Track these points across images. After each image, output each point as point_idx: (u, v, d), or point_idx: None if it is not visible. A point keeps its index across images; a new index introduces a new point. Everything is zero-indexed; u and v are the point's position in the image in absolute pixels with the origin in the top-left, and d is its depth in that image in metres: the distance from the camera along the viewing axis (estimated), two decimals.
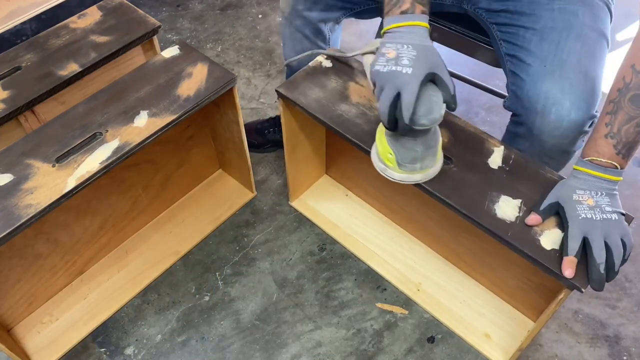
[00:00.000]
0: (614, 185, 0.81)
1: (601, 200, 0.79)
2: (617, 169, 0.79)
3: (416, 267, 1.20)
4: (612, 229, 0.78)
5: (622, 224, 0.79)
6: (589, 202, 0.79)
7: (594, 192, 0.80)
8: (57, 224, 1.06)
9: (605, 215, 0.78)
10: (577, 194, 0.80)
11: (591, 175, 0.80)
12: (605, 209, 0.79)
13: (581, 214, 0.79)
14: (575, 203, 0.80)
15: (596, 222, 0.78)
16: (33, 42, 1.16)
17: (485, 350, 1.08)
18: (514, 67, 0.96)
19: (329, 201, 1.32)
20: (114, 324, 1.14)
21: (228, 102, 1.10)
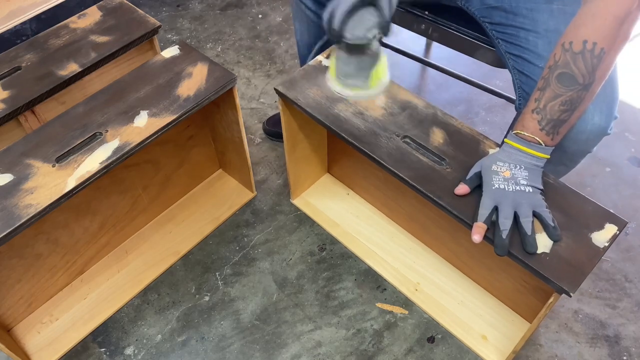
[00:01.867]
0: (538, 161, 0.83)
1: (518, 173, 0.83)
2: (540, 145, 0.82)
3: (415, 267, 1.20)
4: (523, 200, 0.81)
5: (536, 196, 0.82)
6: (505, 173, 0.83)
7: (513, 165, 0.83)
8: (57, 224, 1.06)
9: (518, 187, 0.82)
10: (497, 165, 0.84)
11: (514, 148, 0.84)
12: (520, 182, 0.82)
13: (495, 184, 0.82)
14: (493, 173, 0.83)
15: (507, 192, 0.81)
16: (33, 42, 1.16)
17: (481, 352, 1.08)
18: (523, 68, 0.95)
19: (330, 200, 1.32)
20: (114, 324, 1.14)
21: (228, 102, 1.10)
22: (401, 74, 1.69)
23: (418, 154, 0.94)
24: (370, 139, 0.96)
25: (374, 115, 0.99)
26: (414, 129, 0.97)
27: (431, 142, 0.95)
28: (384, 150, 0.94)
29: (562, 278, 0.78)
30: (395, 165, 0.92)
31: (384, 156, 0.93)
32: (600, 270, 1.21)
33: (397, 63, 1.71)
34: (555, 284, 0.78)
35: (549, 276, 0.79)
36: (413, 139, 0.96)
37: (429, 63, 1.49)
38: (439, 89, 1.64)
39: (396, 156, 0.93)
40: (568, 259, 0.81)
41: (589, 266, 0.80)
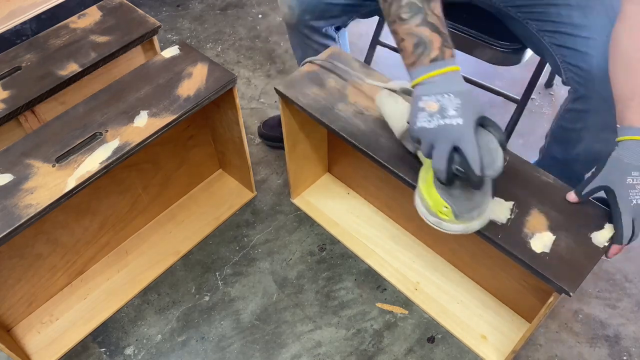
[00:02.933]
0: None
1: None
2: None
3: (415, 267, 1.20)
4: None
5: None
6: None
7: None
8: (57, 224, 1.06)
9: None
10: (633, 176, 0.76)
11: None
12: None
13: (633, 199, 0.76)
14: (628, 187, 0.76)
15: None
16: (33, 42, 1.16)
17: (481, 352, 1.08)
18: (563, 42, 0.95)
19: (330, 199, 1.32)
20: (114, 324, 1.14)
21: (228, 102, 1.10)
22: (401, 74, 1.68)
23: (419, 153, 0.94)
24: (370, 139, 0.96)
25: (375, 114, 0.99)
26: None
27: None
28: (384, 150, 0.94)
29: (562, 278, 0.78)
30: (396, 165, 0.92)
31: (384, 156, 0.93)
32: (600, 270, 1.21)
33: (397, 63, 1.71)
34: (555, 284, 0.78)
35: (548, 276, 0.79)
36: None
37: None
38: None
39: (396, 156, 0.93)
40: (568, 258, 0.81)
41: (589, 266, 0.80)
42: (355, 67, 1.06)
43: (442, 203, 0.79)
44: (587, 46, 0.91)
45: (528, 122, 1.52)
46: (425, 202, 0.82)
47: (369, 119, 0.99)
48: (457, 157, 0.73)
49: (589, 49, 0.91)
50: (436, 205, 0.80)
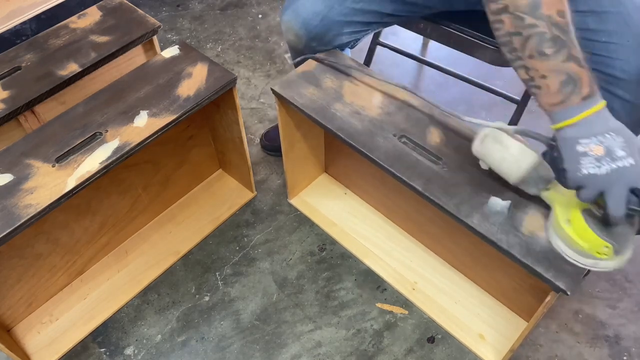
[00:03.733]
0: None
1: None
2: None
3: (412, 267, 1.20)
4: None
5: None
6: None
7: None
8: (57, 224, 1.06)
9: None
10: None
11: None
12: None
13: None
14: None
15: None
16: (33, 42, 1.16)
17: (479, 351, 1.08)
18: (581, 47, 0.94)
19: (328, 199, 1.32)
20: (114, 324, 1.14)
21: (228, 102, 1.10)
22: (401, 74, 1.69)
23: (415, 153, 0.94)
24: (366, 139, 0.96)
25: (371, 114, 0.99)
26: (411, 128, 0.97)
27: (428, 142, 0.95)
28: (380, 150, 0.94)
29: (560, 277, 0.78)
30: (392, 164, 0.92)
31: (381, 156, 0.93)
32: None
33: (396, 63, 1.71)
34: (552, 283, 0.78)
35: (546, 275, 0.79)
36: (410, 138, 0.96)
37: (429, 63, 1.49)
38: (439, 89, 1.64)
39: (393, 156, 0.93)
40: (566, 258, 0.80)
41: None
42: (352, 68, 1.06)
43: (602, 244, 0.76)
44: (608, 50, 0.90)
45: (528, 122, 1.52)
46: (576, 245, 0.79)
47: (365, 119, 0.99)
48: (632, 198, 0.70)
49: (609, 53, 0.90)
50: (594, 247, 0.77)
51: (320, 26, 1.02)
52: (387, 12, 1.05)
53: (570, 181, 0.73)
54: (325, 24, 1.02)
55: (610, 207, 0.70)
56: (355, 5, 1.02)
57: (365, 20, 1.05)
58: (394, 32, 1.77)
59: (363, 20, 1.05)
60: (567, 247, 0.80)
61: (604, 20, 0.91)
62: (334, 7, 1.02)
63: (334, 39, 1.05)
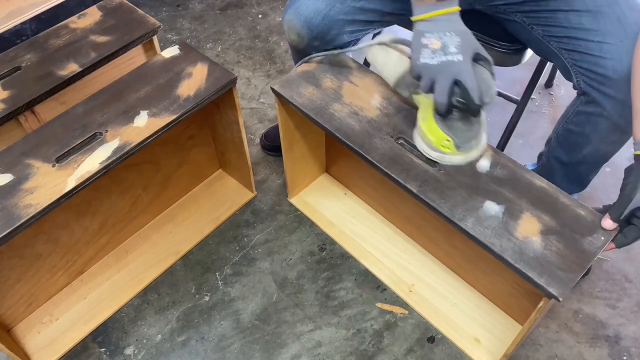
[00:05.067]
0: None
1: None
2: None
3: (410, 268, 1.19)
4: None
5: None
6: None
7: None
8: (57, 224, 1.06)
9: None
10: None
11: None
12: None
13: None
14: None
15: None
16: (33, 42, 1.16)
17: (473, 354, 1.07)
18: (573, 46, 0.95)
19: (327, 199, 1.32)
20: (114, 324, 1.14)
21: (228, 102, 1.10)
22: None
23: (412, 155, 0.94)
24: (364, 140, 0.96)
25: (369, 115, 0.99)
26: (409, 130, 0.97)
27: None
28: (377, 151, 0.94)
29: (552, 283, 0.78)
30: (388, 166, 0.92)
31: (377, 157, 0.93)
32: (600, 270, 1.21)
33: None
34: (544, 289, 0.78)
35: (538, 280, 0.78)
36: (407, 140, 0.96)
37: None
38: None
39: (390, 157, 0.93)
40: (559, 263, 0.80)
41: (580, 271, 0.79)
42: (352, 68, 1.06)
43: (443, 137, 0.86)
44: (601, 50, 0.91)
45: (528, 122, 1.52)
46: (426, 139, 0.89)
47: (363, 120, 0.99)
48: (457, 90, 0.81)
49: (603, 53, 0.91)
50: (438, 139, 0.88)
51: (322, 25, 1.03)
52: (388, 11, 1.06)
53: (412, 70, 0.83)
54: (326, 23, 1.03)
55: (435, 95, 0.81)
56: (356, 4, 1.03)
57: (366, 19, 1.05)
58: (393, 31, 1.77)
59: (364, 19, 1.05)
60: (421, 141, 0.91)
61: (599, 20, 0.91)
62: (336, 5, 1.02)
63: (335, 38, 1.06)
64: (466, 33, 0.82)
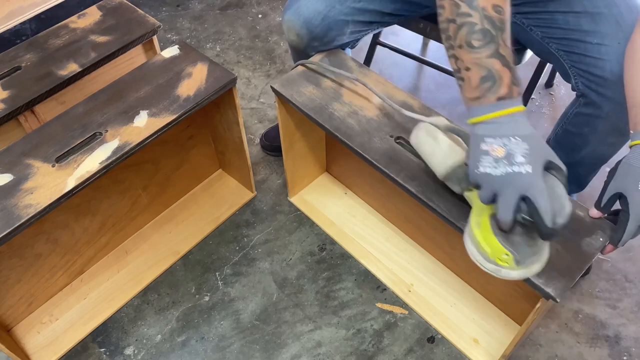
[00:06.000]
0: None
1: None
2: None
3: (409, 268, 1.19)
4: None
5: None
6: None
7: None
8: (57, 224, 1.06)
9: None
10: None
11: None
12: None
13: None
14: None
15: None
16: (33, 42, 1.16)
17: (472, 355, 1.07)
18: (572, 48, 0.94)
19: (327, 199, 1.32)
20: (114, 324, 1.14)
21: (228, 102, 1.10)
22: (400, 74, 1.69)
23: (411, 155, 0.94)
24: (363, 139, 0.96)
25: (369, 115, 0.99)
26: (408, 130, 0.97)
27: None
28: (376, 151, 0.94)
29: (549, 284, 0.78)
30: (388, 166, 0.92)
31: (376, 156, 0.93)
32: (600, 270, 1.21)
33: (396, 63, 1.71)
34: (542, 290, 0.78)
35: (535, 281, 0.78)
36: (406, 140, 0.96)
37: (428, 62, 1.49)
38: (438, 88, 1.64)
39: (389, 157, 0.93)
40: (556, 264, 0.80)
41: (577, 272, 0.79)
42: (352, 68, 1.06)
43: (502, 251, 0.75)
44: (599, 52, 0.91)
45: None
46: (481, 249, 0.78)
47: (362, 119, 0.99)
48: (524, 206, 0.69)
49: (601, 55, 0.90)
50: (495, 252, 0.76)
51: (322, 26, 1.03)
52: (388, 12, 1.06)
53: (470, 177, 0.72)
54: (326, 24, 1.03)
55: (499, 210, 0.69)
56: (356, 4, 1.03)
57: (366, 20, 1.05)
58: (394, 32, 1.77)
59: (364, 20, 1.05)
60: (474, 248, 0.79)
61: (597, 22, 0.91)
62: (335, 6, 1.02)
63: (335, 39, 1.06)
64: (535, 138, 0.69)
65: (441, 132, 0.83)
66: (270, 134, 1.44)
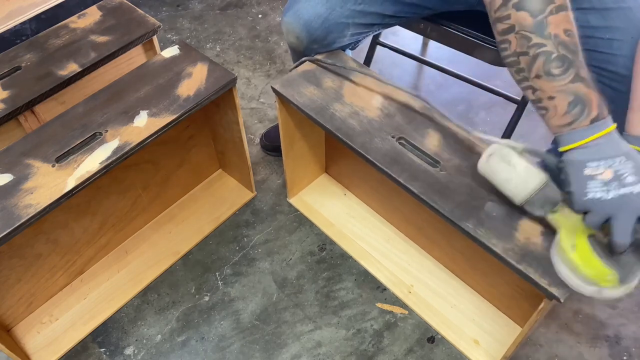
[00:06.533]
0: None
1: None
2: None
3: (409, 269, 1.19)
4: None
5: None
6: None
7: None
8: (57, 224, 1.06)
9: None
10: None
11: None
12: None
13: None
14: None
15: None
16: (33, 42, 1.16)
17: (472, 356, 1.07)
18: (583, 44, 0.92)
19: (327, 199, 1.32)
20: (114, 324, 1.14)
21: (228, 102, 1.10)
22: (401, 74, 1.69)
23: (413, 155, 0.93)
24: (364, 140, 0.95)
25: (370, 115, 0.99)
26: (410, 130, 0.97)
27: (426, 145, 0.95)
28: (377, 151, 0.94)
29: (554, 284, 0.78)
30: (389, 166, 0.92)
31: (378, 157, 0.93)
32: None
33: (396, 63, 1.71)
34: (546, 290, 0.78)
35: (540, 282, 0.78)
36: (408, 140, 0.96)
37: (428, 63, 1.49)
38: (439, 88, 1.64)
39: (390, 157, 0.93)
40: None
41: None
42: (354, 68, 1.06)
43: (607, 272, 0.73)
44: (611, 47, 0.89)
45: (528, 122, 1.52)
46: (580, 272, 0.75)
47: (364, 120, 0.99)
48: (639, 226, 0.68)
49: (613, 50, 0.89)
50: (599, 275, 0.74)
51: (322, 29, 1.02)
52: (389, 14, 1.05)
53: (577, 205, 0.70)
54: (326, 27, 1.02)
55: (616, 234, 0.68)
56: (357, 7, 1.02)
57: (366, 22, 1.05)
58: (394, 32, 1.78)
59: (364, 22, 1.05)
60: (571, 273, 0.77)
61: (606, 17, 0.90)
62: (335, 9, 1.01)
63: (335, 41, 1.05)
64: (634, 154, 0.68)
65: (515, 155, 0.80)
66: (270, 134, 1.44)
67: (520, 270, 0.80)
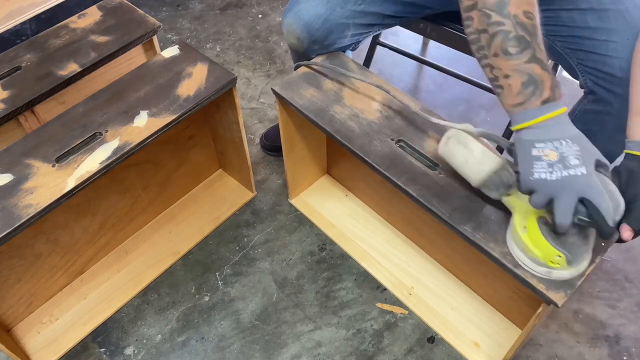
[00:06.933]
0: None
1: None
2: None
3: (410, 271, 1.19)
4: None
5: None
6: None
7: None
8: (57, 224, 1.06)
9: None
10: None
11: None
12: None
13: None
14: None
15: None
16: (33, 42, 1.16)
17: (472, 358, 1.07)
18: (579, 45, 0.94)
19: (328, 201, 1.32)
20: (114, 324, 1.14)
21: (228, 102, 1.10)
22: (401, 74, 1.69)
23: (412, 158, 0.93)
24: (364, 142, 0.95)
25: (370, 118, 0.99)
26: (409, 133, 0.97)
27: (425, 148, 0.95)
28: (377, 154, 0.94)
29: (550, 288, 0.78)
30: (388, 169, 0.92)
31: (377, 159, 0.93)
32: (601, 270, 1.21)
33: (396, 63, 1.71)
34: (543, 294, 0.77)
35: (537, 286, 0.78)
36: (407, 143, 0.95)
37: (429, 63, 1.49)
38: (439, 88, 1.64)
39: (389, 160, 0.93)
40: None
41: (579, 277, 0.79)
42: (354, 70, 1.06)
43: (554, 253, 0.75)
44: (607, 49, 0.90)
45: None
46: (530, 253, 0.78)
47: (363, 122, 0.98)
48: (581, 208, 0.69)
49: (609, 52, 0.90)
50: (547, 255, 0.76)
51: (322, 29, 1.02)
52: (389, 14, 1.05)
53: (522, 184, 0.71)
54: (327, 27, 1.02)
55: (557, 215, 0.69)
56: (357, 7, 1.02)
57: (366, 23, 1.05)
58: (394, 32, 1.77)
59: (364, 23, 1.05)
60: (522, 254, 0.79)
61: (604, 18, 0.90)
62: (336, 9, 1.01)
63: (335, 42, 1.05)
64: (582, 138, 0.69)
65: (472, 139, 0.82)
66: (270, 134, 1.44)
67: (517, 275, 0.80)
